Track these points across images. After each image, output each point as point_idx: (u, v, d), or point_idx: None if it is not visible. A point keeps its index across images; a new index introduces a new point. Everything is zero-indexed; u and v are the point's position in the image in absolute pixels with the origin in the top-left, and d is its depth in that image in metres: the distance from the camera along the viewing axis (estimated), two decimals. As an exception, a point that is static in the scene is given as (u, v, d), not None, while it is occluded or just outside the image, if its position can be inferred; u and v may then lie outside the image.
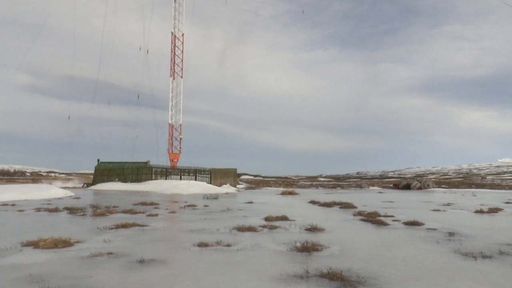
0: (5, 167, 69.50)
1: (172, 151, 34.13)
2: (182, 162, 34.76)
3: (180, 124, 34.04)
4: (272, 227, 7.77)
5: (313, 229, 7.45)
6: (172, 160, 32.59)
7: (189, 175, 30.47)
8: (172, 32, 33.27)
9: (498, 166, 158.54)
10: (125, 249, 5.54)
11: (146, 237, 6.63)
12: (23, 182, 35.88)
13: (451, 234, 7.15)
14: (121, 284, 3.85)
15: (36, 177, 53.76)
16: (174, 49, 33.20)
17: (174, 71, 33.40)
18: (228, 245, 5.83)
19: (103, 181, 30.20)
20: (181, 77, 33.58)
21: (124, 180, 29.84)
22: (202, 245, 5.80)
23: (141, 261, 4.75)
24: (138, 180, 29.59)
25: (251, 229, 7.40)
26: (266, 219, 9.01)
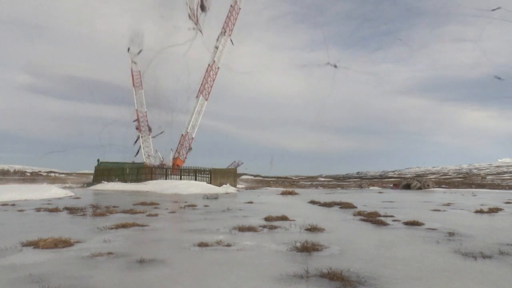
0: (5, 167, 69.43)
1: (178, 151, 35.34)
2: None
3: (192, 138, 35.49)
4: (272, 227, 7.77)
5: (313, 229, 7.45)
6: (174, 165, 33.16)
7: (189, 175, 30.49)
8: (210, 64, 35.03)
9: (498, 166, 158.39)
10: (125, 249, 5.54)
11: (146, 237, 6.63)
12: (23, 182, 35.90)
13: (451, 234, 7.15)
14: (121, 284, 3.85)
15: (36, 177, 53.74)
16: (207, 77, 35.16)
17: (201, 92, 35.36)
18: (228, 245, 5.83)
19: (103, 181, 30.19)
20: (206, 99, 35.49)
21: (124, 180, 29.85)
22: (202, 245, 5.80)
23: (141, 261, 4.75)
24: (138, 180, 29.60)
25: (251, 229, 7.40)
26: (266, 219, 9.01)
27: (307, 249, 5.49)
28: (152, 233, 7.05)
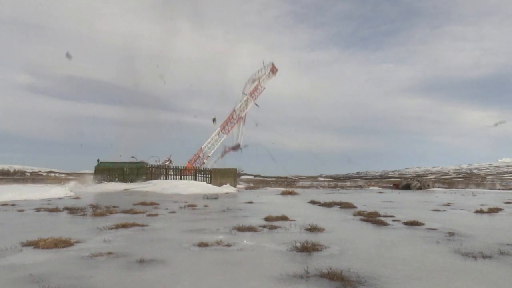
0: (5, 167, 69.38)
1: (192, 164, 37.69)
2: (183, 163, 35.27)
3: (208, 156, 39.09)
4: (272, 227, 7.77)
5: (313, 229, 7.45)
6: (186, 168, 34.27)
7: (189, 175, 30.48)
8: (234, 109, 40.10)
9: (498, 166, 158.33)
10: (125, 249, 5.54)
11: (146, 237, 6.63)
12: (23, 182, 35.92)
13: (451, 234, 7.15)
14: (121, 284, 3.86)
15: (35, 177, 53.73)
16: (230, 119, 40.08)
17: (223, 127, 40.23)
18: (228, 245, 5.83)
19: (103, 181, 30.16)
20: (226, 134, 40.02)
21: (124, 180, 29.82)
22: (202, 245, 5.80)
23: (141, 261, 4.75)
24: (138, 180, 29.57)
25: (251, 229, 7.40)
26: (266, 219, 9.01)
27: (307, 249, 5.49)
28: (152, 233, 7.05)
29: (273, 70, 41.67)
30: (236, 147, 39.95)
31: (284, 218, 9.07)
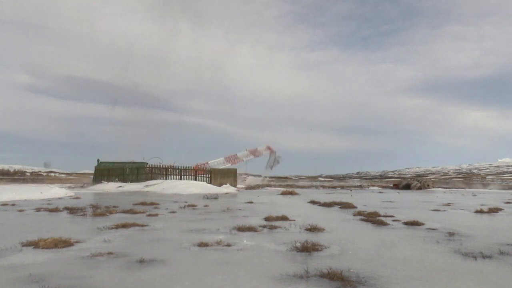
0: (5, 167, 69.34)
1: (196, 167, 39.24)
2: (183, 162, 35.32)
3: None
4: (272, 227, 7.77)
5: (313, 229, 7.45)
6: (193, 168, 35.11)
7: (189, 175, 30.47)
8: (236, 154, 45.22)
9: (498, 166, 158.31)
10: (125, 249, 5.54)
11: (146, 237, 6.63)
12: (23, 182, 35.92)
13: (451, 234, 7.15)
14: (121, 284, 3.85)
15: (35, 177, 53.73)
16: (234, 157, 45.55)
17: (227, 160, 45.44)
18: (228, 245, 5.83)
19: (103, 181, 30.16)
20: (230, 163, 44.69)
21: (124, 180, 29.83)
22: (202, 245, 5.80)
23: (141, 261, 4.75)
24: (138, 180, 29.58)
25: (251, 229, 7.40)
26: (266, 219, 9.01)
27: (307, 249, 5.49)
28: (152, 233, 7.05)
29: (269, 148, 50.12)
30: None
31: (284, 218, 9.07)
